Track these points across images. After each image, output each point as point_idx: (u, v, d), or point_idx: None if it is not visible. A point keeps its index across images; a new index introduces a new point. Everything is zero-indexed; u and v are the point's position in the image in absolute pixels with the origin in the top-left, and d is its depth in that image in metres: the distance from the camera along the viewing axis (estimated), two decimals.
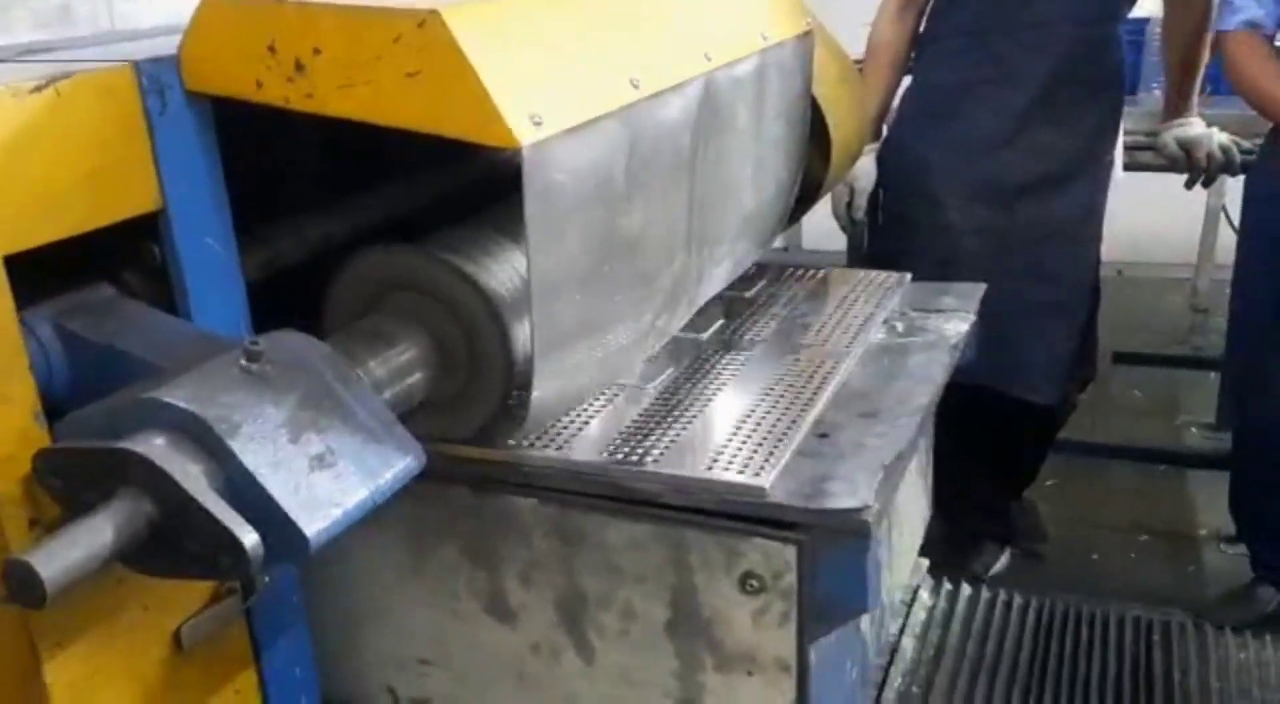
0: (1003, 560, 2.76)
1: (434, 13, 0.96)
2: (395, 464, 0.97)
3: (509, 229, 1.25)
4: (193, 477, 0.85)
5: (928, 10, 2.52)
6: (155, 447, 0.85)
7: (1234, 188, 3.15)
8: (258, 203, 1.23)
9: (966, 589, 2.08)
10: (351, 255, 1.24)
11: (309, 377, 0.96)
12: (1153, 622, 2.04)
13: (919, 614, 1.98)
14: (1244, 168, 2.59)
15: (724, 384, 1.41)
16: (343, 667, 1.44)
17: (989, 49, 2.38)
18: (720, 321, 1.61)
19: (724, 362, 1.48)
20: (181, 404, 0.88)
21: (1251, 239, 2.51)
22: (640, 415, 1.32)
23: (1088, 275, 2.53)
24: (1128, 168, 2.58)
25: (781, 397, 1.36)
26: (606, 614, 1.27)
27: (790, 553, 1.15)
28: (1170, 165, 2.63)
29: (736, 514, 1.17)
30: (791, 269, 1.86)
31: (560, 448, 1.25)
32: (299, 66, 1.02)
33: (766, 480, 1.16)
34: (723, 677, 1.24)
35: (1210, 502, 2.99)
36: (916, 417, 1.33)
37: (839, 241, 3.58)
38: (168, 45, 1.08)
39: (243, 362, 0.93)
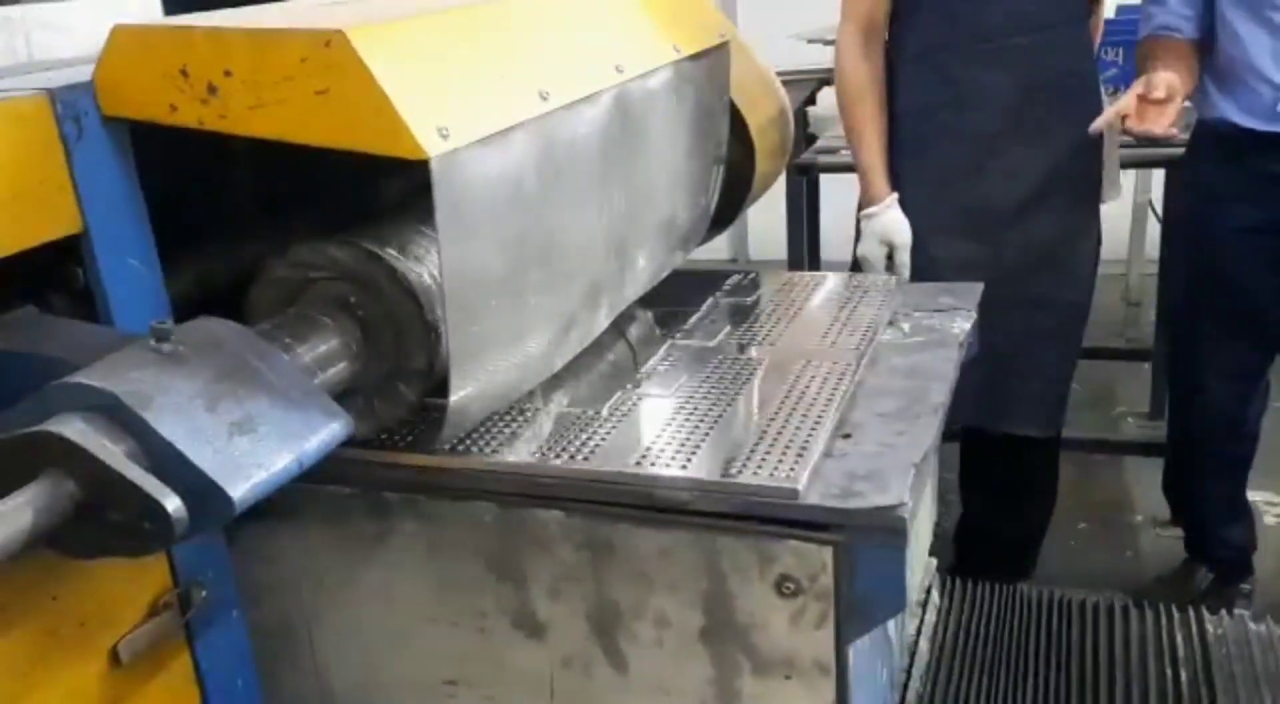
0: None
1: (339, 32, 1.00)
2: (320, 429, 1.00)
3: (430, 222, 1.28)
4: (111, 450, 0.87)
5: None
6: (70, 426, 0.87)
7: (1160, 183, 3.26)
8: (192, 224, 1.26)
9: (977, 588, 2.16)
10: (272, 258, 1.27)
11: (223, 353, 0.99)
12: (1098, 604, 2.11)
13: (930, 615, 2.02)
14: (1167, 164, 2.65)
15: (740, 390, 1.41)
16: (362, 695, 1.43)
17: (943, 71, 2.21)
18: (727, 329, 1.63)
19: (737, 368, 1.49)
20: (92, 382, 0.90)
21: (1174, 233, 2.57)
22: (661, 424, 1.32)
23: (1082, 297, 2.39)
24: None
25: (800, 399, 1.36)
26: (639, 624, 1.26)
27: (826, 554, 1.15)
28: None
29: (769, 517, 1.17)
30: (790, 276, 1.88)
31: (586, 459, 1.25)
32: (211, 89, 1.06)
33: (799, 482, 1.16)
34: (761, 681, 1.23)
35: (1145, 488, 3.07)
36: (936, 414, 1.34)
37: (784, 251, 3.65)
38: (85, 74, 1.11)
39: (152, 343, 0.96)
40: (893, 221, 2.24)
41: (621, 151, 1.39)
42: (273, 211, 1.53)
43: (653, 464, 1.22)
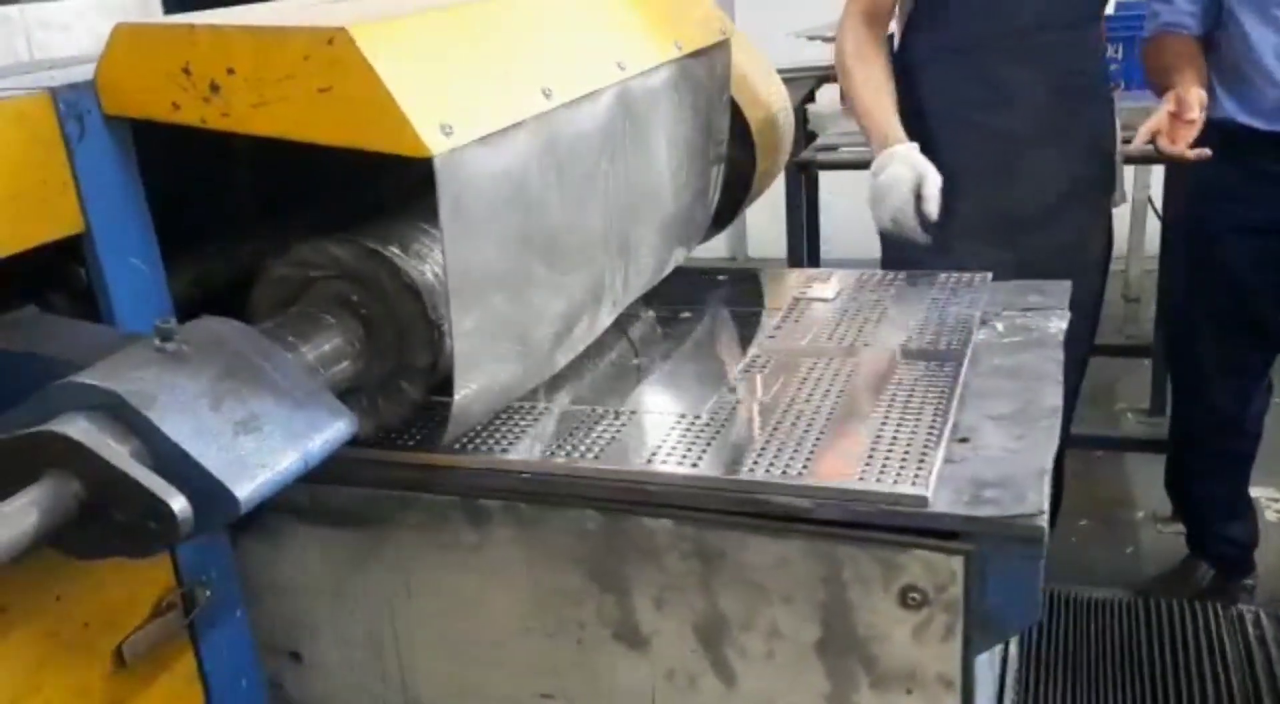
0: None
1: (342, 30, 1.00)
2: (324, 428, 0.99)
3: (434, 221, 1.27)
4: (115, 449, 0.87)
5: (899, 33, 2.24)
6: (74, 426, 0.87)
7: (1159, 181, 3.26)
8: (195, 223, 1.25)
9: None
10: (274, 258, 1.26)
11: (227, 352, 0.99)
12: (1100, 601, 2.12)
13: None
14: (1167, 161, 2.62)
15: (842, 391, 1.36)
16: None
17: (979, 67, 2.12)
18: (814, 329, 1.58)
19: (833, 369, 1.43)
20: (95, 382, 0.90)
21: (1173, 231, 2.57)
22: (766, 428, 1.27)
23: (1093, 301, 2.32)
24: None
25: (909, 402, 1.31)
26: (749, 636, 1.21)
27: (956, 564, 1.10)
28: None
29: (894, 526, 1.12)
30: (867, 273, 1.82)
31: (694, 465, 1.20)
32: (214, 87, 1.05)
33: (928, 489, 1.12)
34: (880, 696, 1.19)
35: (1147, 484, 3.08)
36: (1055, 418, 1.29)
37: (783, 249, 3.65)
38: (87, 73, 1.10)
39: (156, 342, 0.95)
40: (914, 164, 1.95)
41: (623, 149, 1.39)
42: (275, 210, 1.53)
43: (767, 471, 1.17)
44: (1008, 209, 2.16)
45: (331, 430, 1.00)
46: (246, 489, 0.91)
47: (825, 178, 3.37)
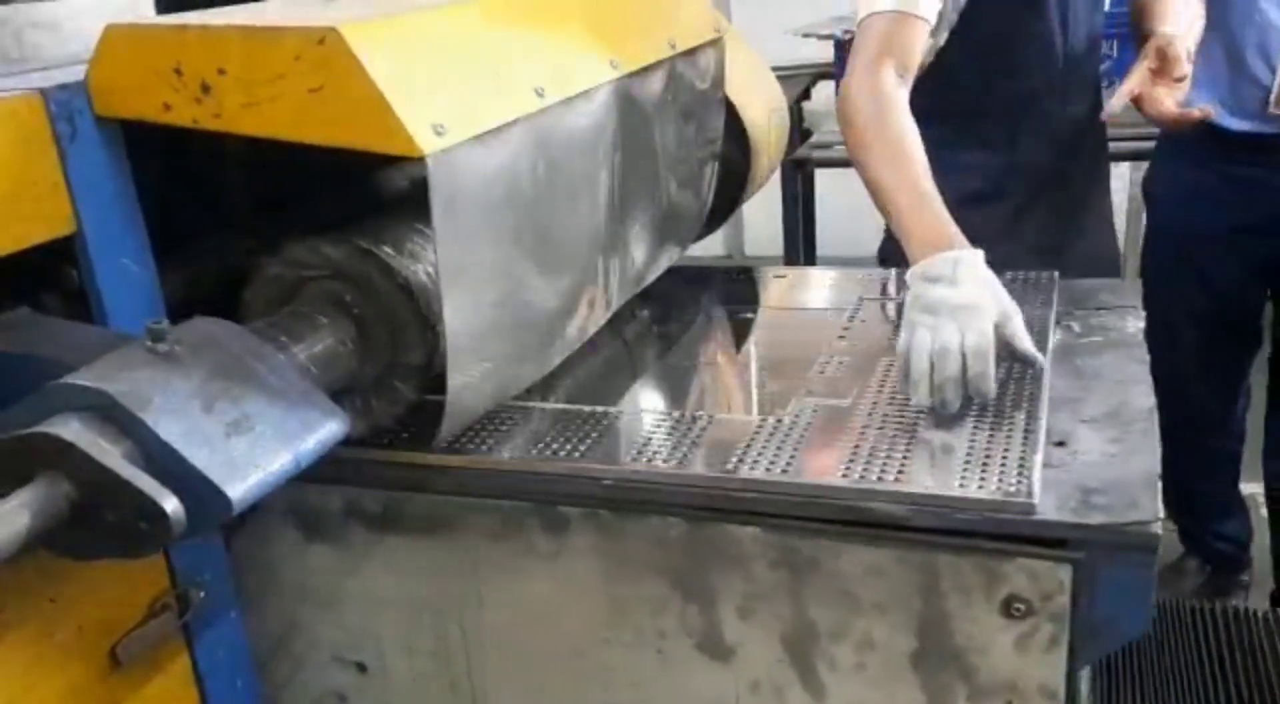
0: None
1: (333, 30, 1.00)
2: (317, 429, 0.99)
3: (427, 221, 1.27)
4: (107, 450, 0.87)
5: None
6: (66, 427, 0.87)
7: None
8: (187, 223, 1.25)
9: None
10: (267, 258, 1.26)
11: (220, 352, 0.98)
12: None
13: None
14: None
15: None
16: None
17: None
18: (885, 330, 1.52)
19: None
20: (88, 383, 0.90)
21: (1151, 233, 2.50)
22: (852, 433, 1.23)
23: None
24: None
25: (996, 404, 1.26)
26: (839, 647, 1.17)
27: (1064, 573, 1.06)
28: None
29: (998, 534, 1.08)
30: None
31: (784, 471, 1.16)
32: (205, 87, 1.05)
33: (1034, 496, 1.08)
34: None
35: None
36: (1151, 420, 1.25)
37: (780, 247, 3.65)
38: (78, 73, 1.10)
39: (148, 343, 0.95)
40: (991, 274, 1.34)
41: (617, 147, 1.39)
42: (267, 210, 1.53)
43: (860, 477, 1.13)
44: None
45: (324, 431, 1.00)
46: (239, 490, 0.91)
47: (821, 175, 3.37)
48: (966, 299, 1.28)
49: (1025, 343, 1.32)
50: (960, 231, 1.38)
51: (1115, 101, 1.84)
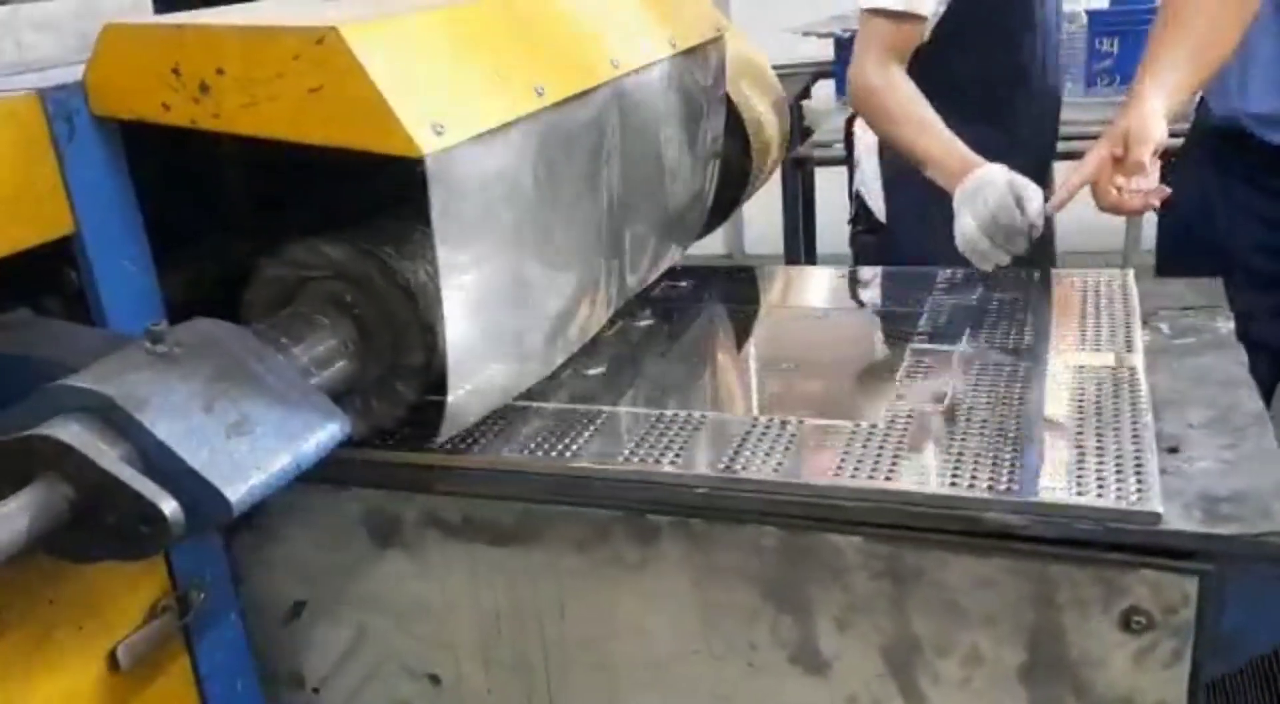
0: None
1: (332, 29, 0.99)
2: (317, 430, 0.99)
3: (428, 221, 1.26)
4: (106, 453, 0.87)
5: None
6: (65, 429, 0.87)
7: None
8: (186, 224, 1.24)
9: None
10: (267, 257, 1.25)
11: (219, 353, 0.98)
12: None
13: None
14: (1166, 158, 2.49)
15: (1020, 398, 1.27)
16: None
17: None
18: (967, 330, 1.48)
19: (1004, 373, 1.34)
20: (87, 385, 0.89)
21: (1165, 240, 2.30)
22: (952, 439, 1.18)
23: None
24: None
25: (1098, 409, 1.22)
26: (944, 660, 1.13)
27: (1190, 585, 1.02)
28: None
29: (1118, 544, 1.04)
30: (1001, 270, 1.67)
31: (887, 478, 1.12)
32: (204, 87, 1.05)
33: (1159, 505, 1.03)
34: None
35: None
36: (1265, 425, 1.20)
37: (780, 246, 3.65)
38: (76, 73, 1.10)
39: (148, 345, 0.95)
40: (1014, 184, 1.65)
41: (617, 147, 1.38)
42: (266, 211, 1.52)
43: (970, 485, 1.09)
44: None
45: (324, 432, 1.00)
46: (238, 492, 0.90)
47: (821, 174, 3.37)
48: (984, 177, 1.66)
49: (1029, 202, 1.61)
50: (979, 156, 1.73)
51: (1053, 203, 1.68)
